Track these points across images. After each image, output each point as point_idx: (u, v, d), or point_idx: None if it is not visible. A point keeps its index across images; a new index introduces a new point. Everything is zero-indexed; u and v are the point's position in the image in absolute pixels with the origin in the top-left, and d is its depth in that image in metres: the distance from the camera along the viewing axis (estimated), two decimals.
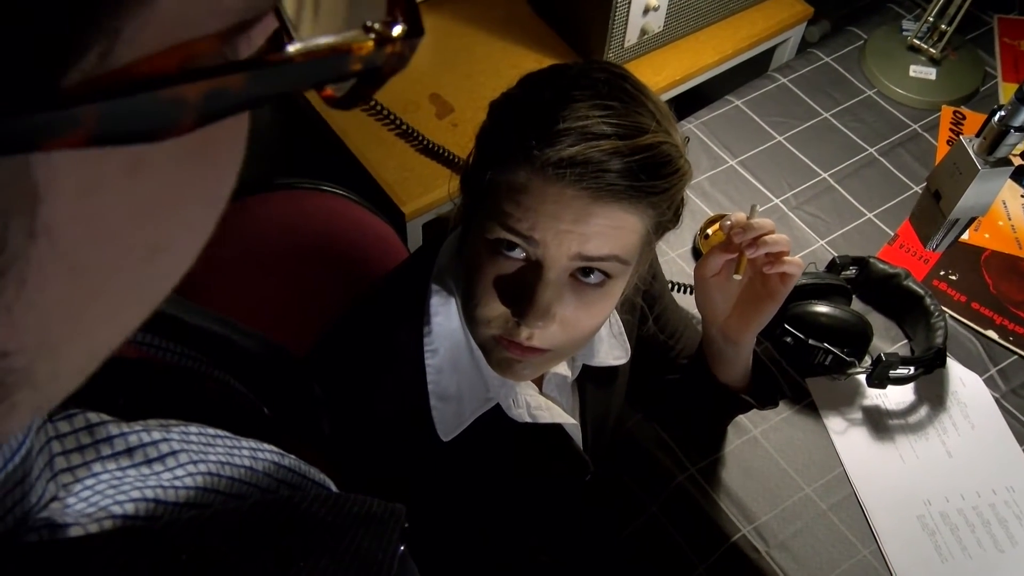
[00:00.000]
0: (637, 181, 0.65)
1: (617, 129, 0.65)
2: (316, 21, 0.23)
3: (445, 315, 0.78)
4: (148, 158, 0.19)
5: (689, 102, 1.49)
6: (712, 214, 1.27)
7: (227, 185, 0.23)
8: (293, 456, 0.37)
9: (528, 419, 0.81)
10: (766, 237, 0.79)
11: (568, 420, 0.85)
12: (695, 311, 1.13)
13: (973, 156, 0.90)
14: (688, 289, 1.18)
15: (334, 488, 0.38)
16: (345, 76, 0.21)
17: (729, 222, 0.80)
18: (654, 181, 0.66)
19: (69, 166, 0.17)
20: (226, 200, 0.23)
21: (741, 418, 1.09)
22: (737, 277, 0.82)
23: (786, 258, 0.80)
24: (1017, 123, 0.86)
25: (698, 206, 1.30)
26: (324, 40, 0.20)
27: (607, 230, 0.67)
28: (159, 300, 0.23)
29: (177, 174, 0.20)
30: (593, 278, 0.70)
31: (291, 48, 0.19)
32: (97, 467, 0.29)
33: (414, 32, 0.21)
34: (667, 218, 0.72)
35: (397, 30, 0.21)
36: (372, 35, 0.20)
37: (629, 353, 0.89)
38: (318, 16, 0.24)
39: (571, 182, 0.64)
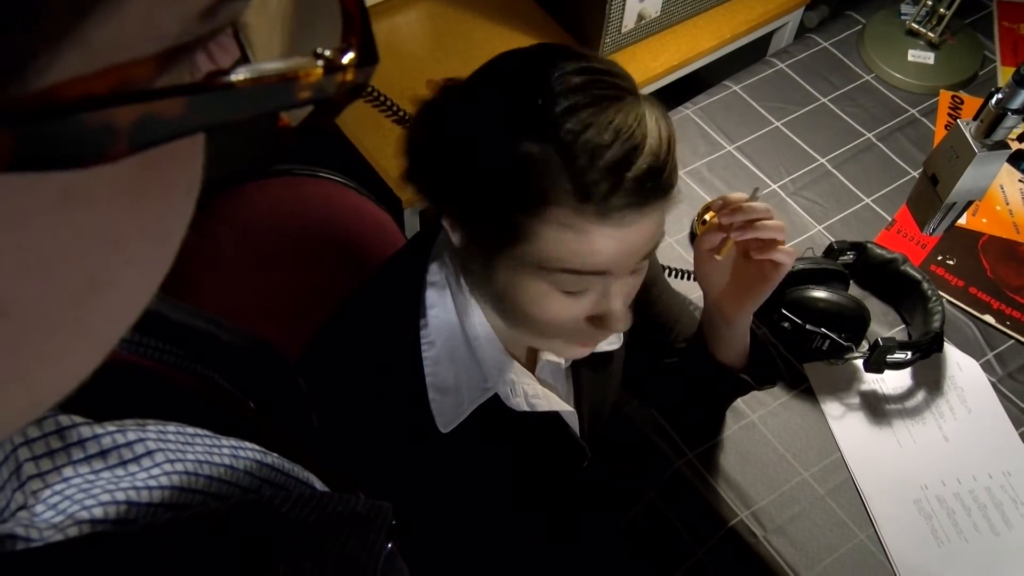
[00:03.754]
0: (666, 173, 0.66)
1: (641, 131, 0.64)
2: (273, 48, 0.23)
3: (441, 307, 0.78)
4: (83, 188, 0.18)
5: (686, 87, 1.48)
6: (709, 200, 1.27)
7: (180, 214, 0.22)
8: (276, 454, 0.36)
9: (527, 408, 0.81)
10: (758, 222, 0.79)
11: (565, 408, 0.85)
12: (693, 295, 1.14)
13: (970, 139, 0.90)
14: (685, 275, 1.18)
15: (319, 486, 0.38)
16: (293, 104, 0.20)
17: (720, 201, 0.81)
18: (669, 161, 0.67)
19: None
20: (182, 229, 0.22)
21: (739, 403, 1.09)
22: (718, 258, 0.83)
23: (779, 247, 0.80)
24: (1014, 106, 0.85)
25: (696, 192, 1.29)
26: (269, 66, 0.19)
27: (654, 228, 0.69)
28: (111, 340, 0.22)
29: (118, 205, 0.19)
30: (639, 265, 0.73)
31: (234, 75, 0.18)
32: (68, 471, 0.28)
33: (367, 60, 0.20)
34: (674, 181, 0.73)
35: (348, 57, 0.20)
36: (321, 62, 0.20)
37: (622, 338, 0.89)
38: (275, 43, 0.23)
39: (628, 209, 0.64)
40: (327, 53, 0.20)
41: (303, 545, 0.30)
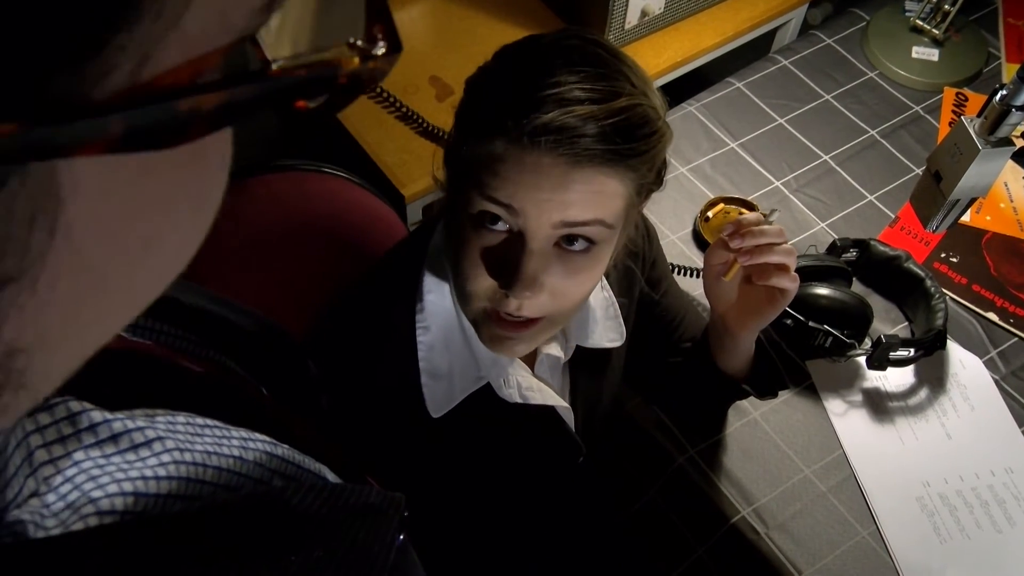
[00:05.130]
0: (614, 145, 0.65)
1: (591, 94, 0.65)
2: (287, 38, 0.24)
3: (438, 293, 0.79)
4: (152, 161, 0.20)
5: (690, 84, 1.48)
6: (713, 196, 1.27)
7: (217, 187, 0.24)
8: (287, 446, 0.37)
9: (519, 400, 0.81)
10: (769, 247, 0.78)
11: (560, 403, 0.85)
12: (696, 292, 1.14)
13: (974, 136, 0.90)
14: (689, 272, 1.18)
15: (331, 477, 0.38)
16: (333, 90, 0.22)
17: (731, 227, 0.79)
18: (631, 144, 0.66)
19: (90, 170, 0.18)
20: (218, 198, 0.24)
21: (741, 400, 1.09)
22: (725, 280, 0.82)
23: (785, 273, 0.79)
24: (1019, 102, 0.85)
25: (699, 188, 1.29)
26: (319, 56, 0.21)
27: (588, 196, 0.67)
28: (148, 300, 0.24)
29: (174, 176, 0.21)
30: (578, 245, 0.70)
31: (291, 63, 0.20)
32: (79, 455, 0.29)
33: (394, 49, 0.22)
34: (649, 180, 0.72)
35: (380, 48, 0.22)
36: (356, 52, 0.22)
37: (624, 336, 0.89)
38: (289, 33, 0.25)
39: (547, 150, 0.64)
40: (360, 44, 0.22)
41: (314, 536, 0.30)
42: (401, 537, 0.33)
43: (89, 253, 0.20)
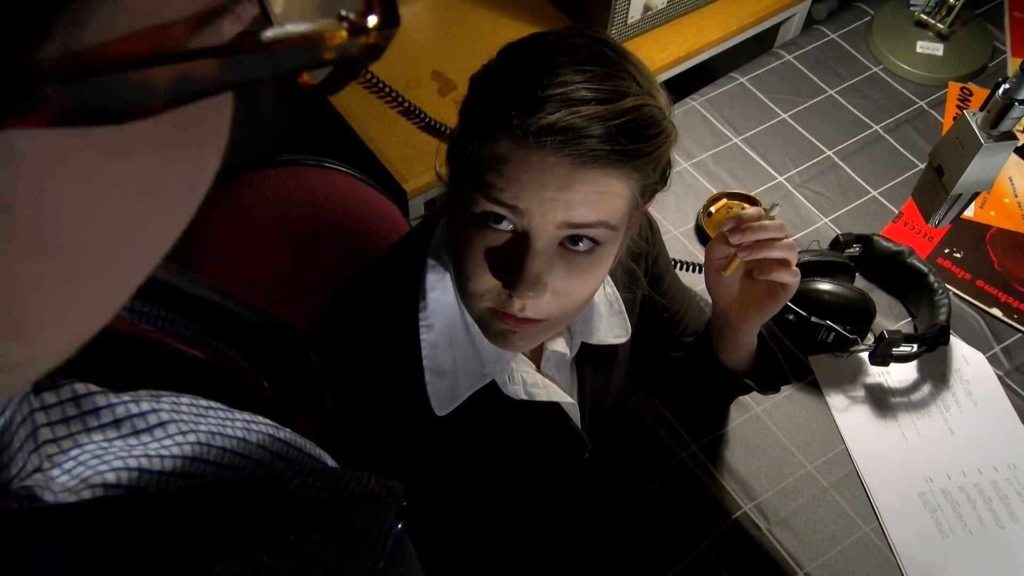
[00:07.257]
0: (619, 145, 0.65)
1: (597, 94, 0.64)
2: (294, 9, 0.24)
3: (441, 290, 0.78)
4: (124, 141, 0.19)
5: (693, 79, 1.48)
6: (715, 192, 1.26)
7: (210, 168, 0.23)
8: (289, 430, 0.37)
9: (524, 396, 0.81)
10: (769, 242, 0.78)
11: (565, 399, 0.85)
12: (699, 287, 1.14)
13: (976, 130, 0.90)
14: (691, 267, 1.17)
15: (331, 463, 0.38)
16: (317, 65, 0.21)
17: (730, 222, 0.79)
18: (637, 144, 0.66)
19: (31, 145, 0.17)
20: (209, 182, 0.23)
21: (744, 396, 1.09)
22: (725, 274, 0.82)
23: (786, 268, 0.79)
24: (1022, 96, 0.85)
25: (701, 184, 1.29)
26: (296, 28, 0.20)
27: (592, 196, 0.66)
28: (140, 282, 0.23)
29: (158, 158, 0.20)
30: (582, 246, 0.70)
31: (263, 36, 0.19)
32: (83, 438, 0.29)
33: (389, 23, 0.21)
34: (653, 180, 0.71)
35: (372, 21, 0.21)
36: (346, 25, 0.20)
37: (630, 332, 0.89)
38: (296, 4, 0.24)
39: (553, 150, 0.64)
40: (351, 16, 0.21)
41: (312, 518, 0.30)
42: (399, 526, 0.33)
43: (53, 240, 0.19)
